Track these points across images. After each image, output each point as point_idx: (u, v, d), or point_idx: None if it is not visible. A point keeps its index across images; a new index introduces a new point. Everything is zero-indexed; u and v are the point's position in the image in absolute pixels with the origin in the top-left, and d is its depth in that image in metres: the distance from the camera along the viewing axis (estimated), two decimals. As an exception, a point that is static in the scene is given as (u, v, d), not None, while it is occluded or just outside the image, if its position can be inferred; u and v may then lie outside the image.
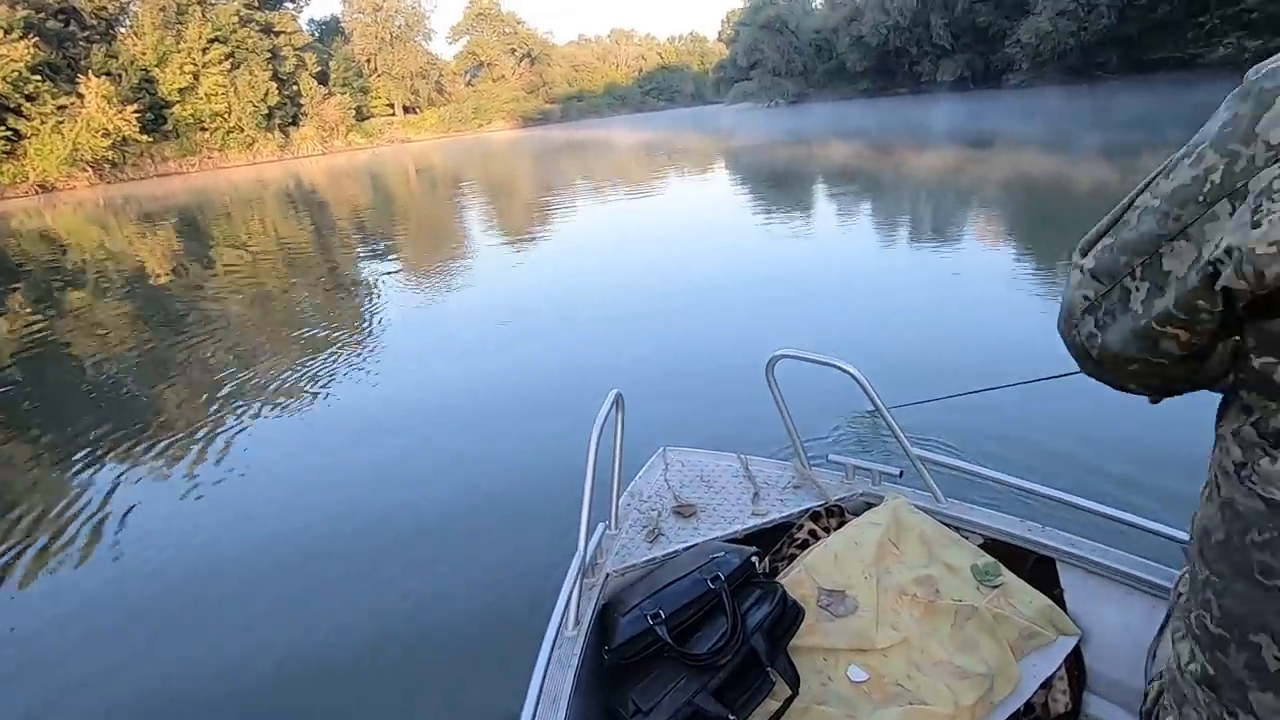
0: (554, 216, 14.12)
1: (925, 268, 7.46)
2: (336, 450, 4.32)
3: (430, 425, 4.52)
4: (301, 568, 3.11)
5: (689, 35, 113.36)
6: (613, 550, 1.83)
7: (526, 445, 4.06)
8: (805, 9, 60.77)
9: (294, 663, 2.53)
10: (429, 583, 2.90)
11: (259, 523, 3.55)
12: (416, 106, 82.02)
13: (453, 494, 3.64)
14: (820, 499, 1.94)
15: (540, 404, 4.65)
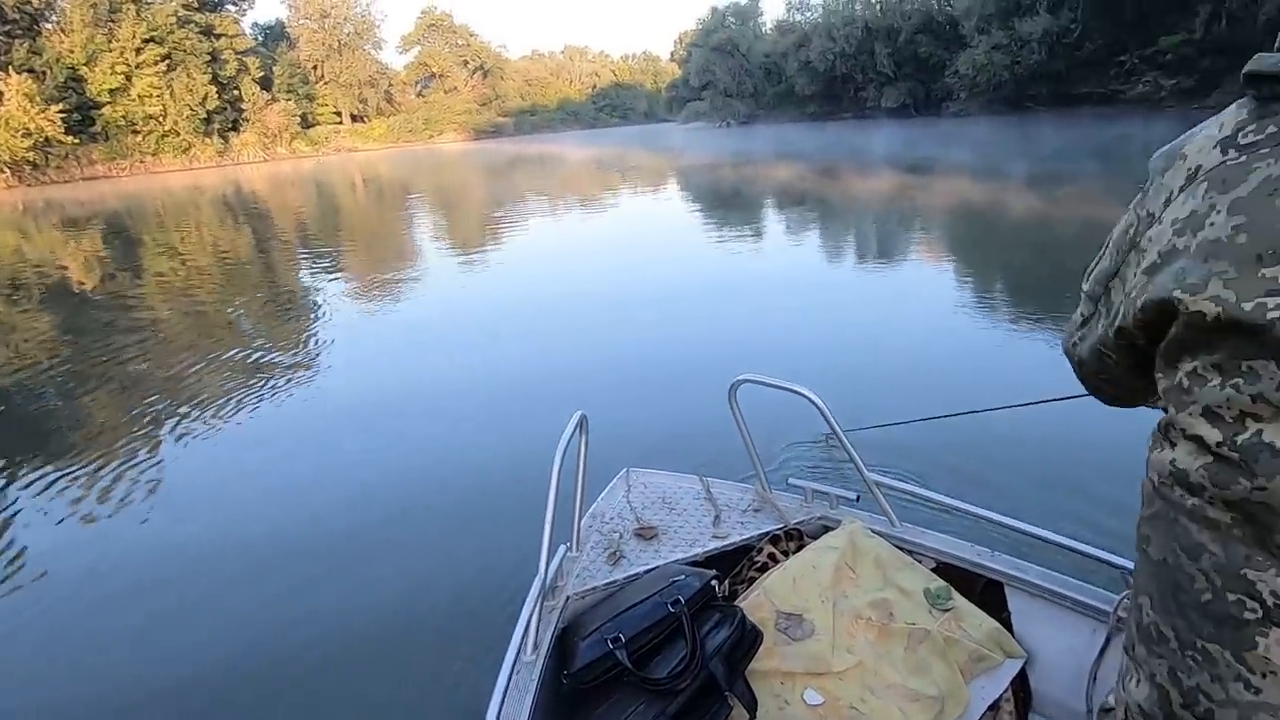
0: (507, 231, 14.02)
1: (872, 287, 7.70)
2: (265, 469, 4.16)
3: (380, 446, 4.40)
4: (249, 586, 2.99)
5: (642, 54, 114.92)
6: (573, 572, 1.82)
7: (487, 465, 3.99)
8: (756, 33, 62.32)
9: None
10: (385, 607, 2.83)
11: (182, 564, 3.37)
12: (365, 115, 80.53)
13: (405, 516, 3.55)
14: (779, 522, 1.97)
15: (499, 421, 4.58)
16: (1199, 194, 0.59)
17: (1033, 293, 7.17)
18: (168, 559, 3.32)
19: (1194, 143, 0.63)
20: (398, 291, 9.20)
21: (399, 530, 3.42)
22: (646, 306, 7.19)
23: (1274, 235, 0.54)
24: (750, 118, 59.77)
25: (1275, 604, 0.58)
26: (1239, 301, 0.55)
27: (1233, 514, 0.60)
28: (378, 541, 3.34)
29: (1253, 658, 0.59)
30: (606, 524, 2.03)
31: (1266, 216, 0.54)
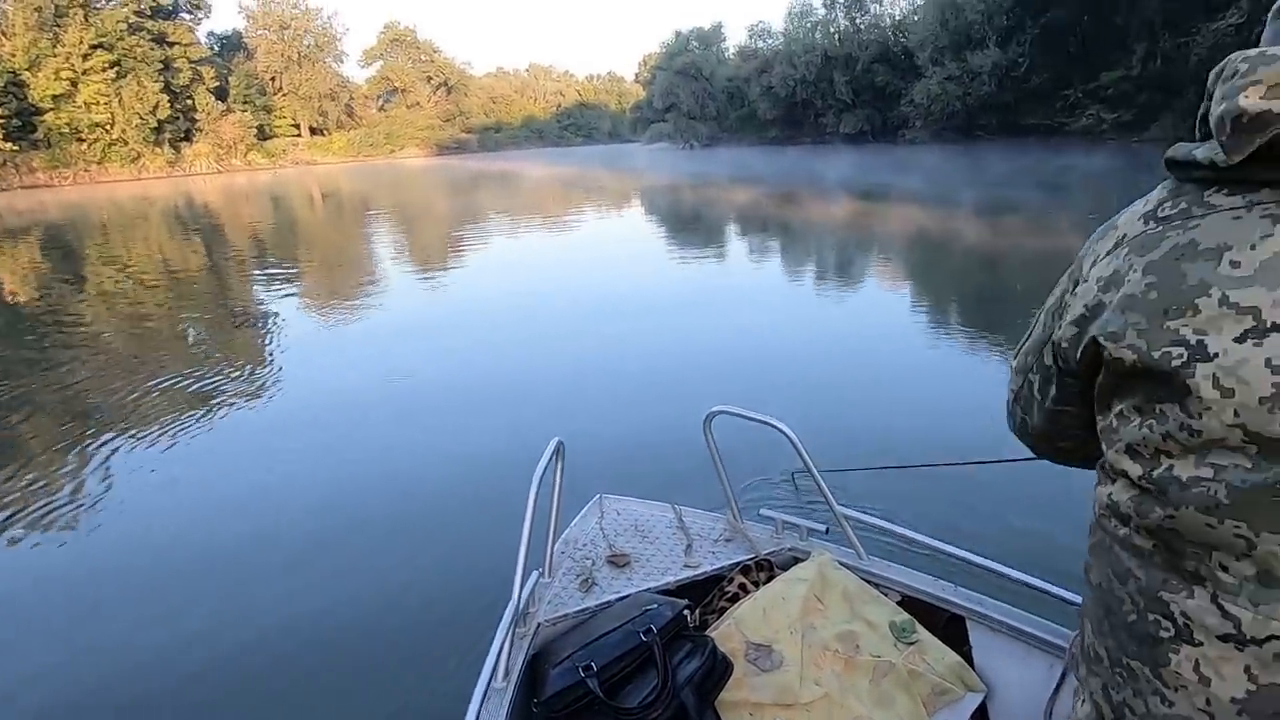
0: (471, 249, 13.93)
1: (834, 309, 7.86)
2: (218, 495, 4.03)
3: (340, 471, 4.29)
4: (198, 609, 2.87)
5: (607, 75, 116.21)
6: (546, 598, 1.82)
7: (456, 488, 3.94)
8: (719, 58, 63.58)
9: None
10: (350, 634, 2.76)
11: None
12: (324, 128, 79.41)
13: (368, 541, 3.46)
14: (750, 552, 1.99)
15: (469, 444, 4.52)
16: (1120, 256, 0.67)
17: (986, 316, 7.41)
18: (107, 579, 3.19)
19: (1124, 216, 0.71)
20: (358, 310, 9.04)
21: (361, 557, 3.33)
22: (615, 327, 7.20)
23: (1177, 293, 0.61)
24: (713, 140, 60.76)
25: (1185, 624, 0.63)
26: (1149, 350, 0.63)
27: (1153, 541, 0.67)
28: (338, 568, 3.25)
29: (1167, 673, 0.65)
30: (579, 550, 2.03)
31: (1172, 278, 0.62)
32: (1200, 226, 0.62)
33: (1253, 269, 0.58)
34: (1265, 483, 0.58)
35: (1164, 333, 0.62)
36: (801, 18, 52.79)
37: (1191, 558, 0.63)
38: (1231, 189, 0.61)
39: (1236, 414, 0.58)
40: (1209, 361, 0.59)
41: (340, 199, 30.56)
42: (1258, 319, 0.57)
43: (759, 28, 58.74)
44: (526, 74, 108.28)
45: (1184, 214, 0.63)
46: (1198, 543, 0.63)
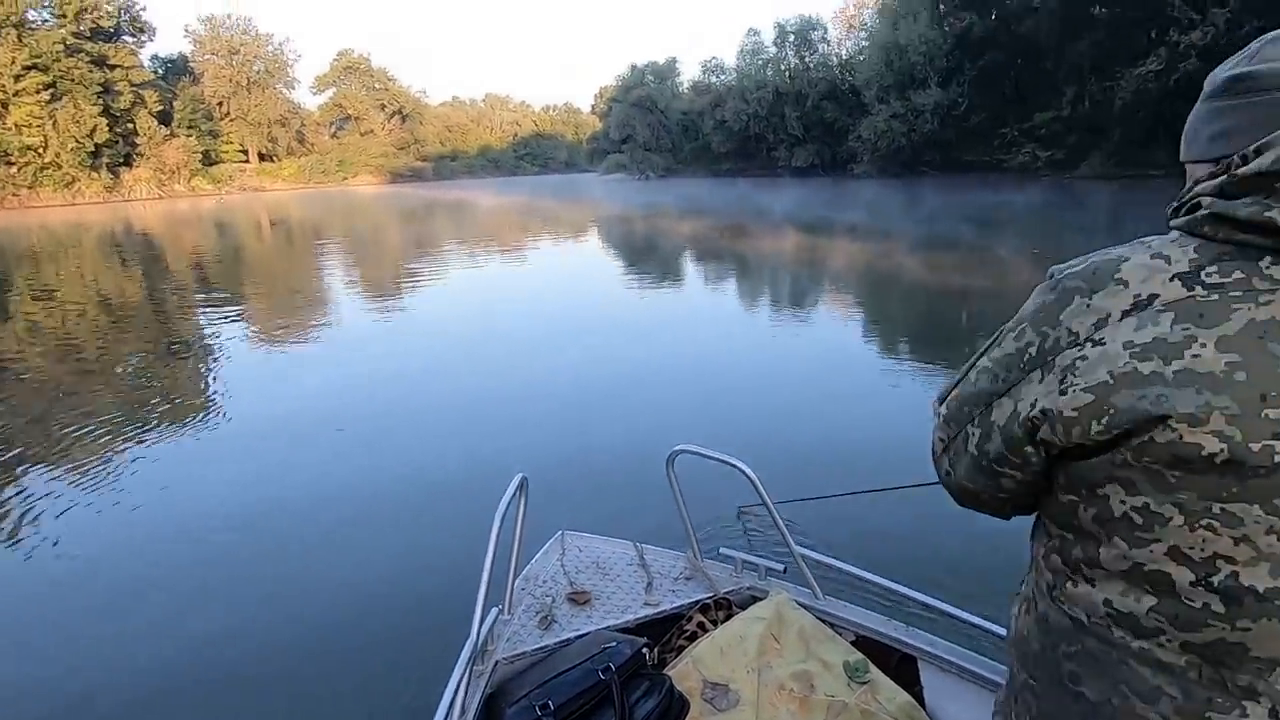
0: (427, 280, 13.78)
1: (789, 345, 8.02)
2: (152, 549, 3.84)
3: (298, 509, 4.15)
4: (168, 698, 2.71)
5: (563, 106, 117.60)
6: (505, 636, 1.83)
7: (413, 521, 3.84)
8: (674, 92, 65.08)
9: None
10: (309, 675, 2.66)
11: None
12: (274, 154, 78.08)
13: (331, 576, 3.34)
14: (710, 591, 2.01)
15: (425, 479, 4.41)
16: (1165, 322, 0.59)
17: (922, 342, 7.67)
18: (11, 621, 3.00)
19: (1131, 270, 0.63)
20: (307, 342, 8.81)
21: (312, 593, 3.22)
22: (572, 358, 7.19)
23: (1275, 378, 0.56)
24: (669, 171, 61.85)
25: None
26: (1245, 441, 0.56)
27: (1188, 656, 0.61)
28: (288, 605, 3.14)
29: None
30: (539, 587, 2.04)
31: (1263, 360, 0.56)
32: (1275, 302, 0.56)
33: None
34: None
35: (1263, 423, 0.55)
36: (753, 55, 54.60)
37: (1249, 673, 0.59)
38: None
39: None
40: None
41: (290, 226, 29.94)
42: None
43: (712, 63, 60.55)
44: (483, 104, 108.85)
45: (1245, 285, 0.57)
46: (1267, 658, 0.58)
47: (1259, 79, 0.62)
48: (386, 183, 79.47)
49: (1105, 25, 32.13)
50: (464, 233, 23.55)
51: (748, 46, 54.95)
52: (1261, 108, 0.62)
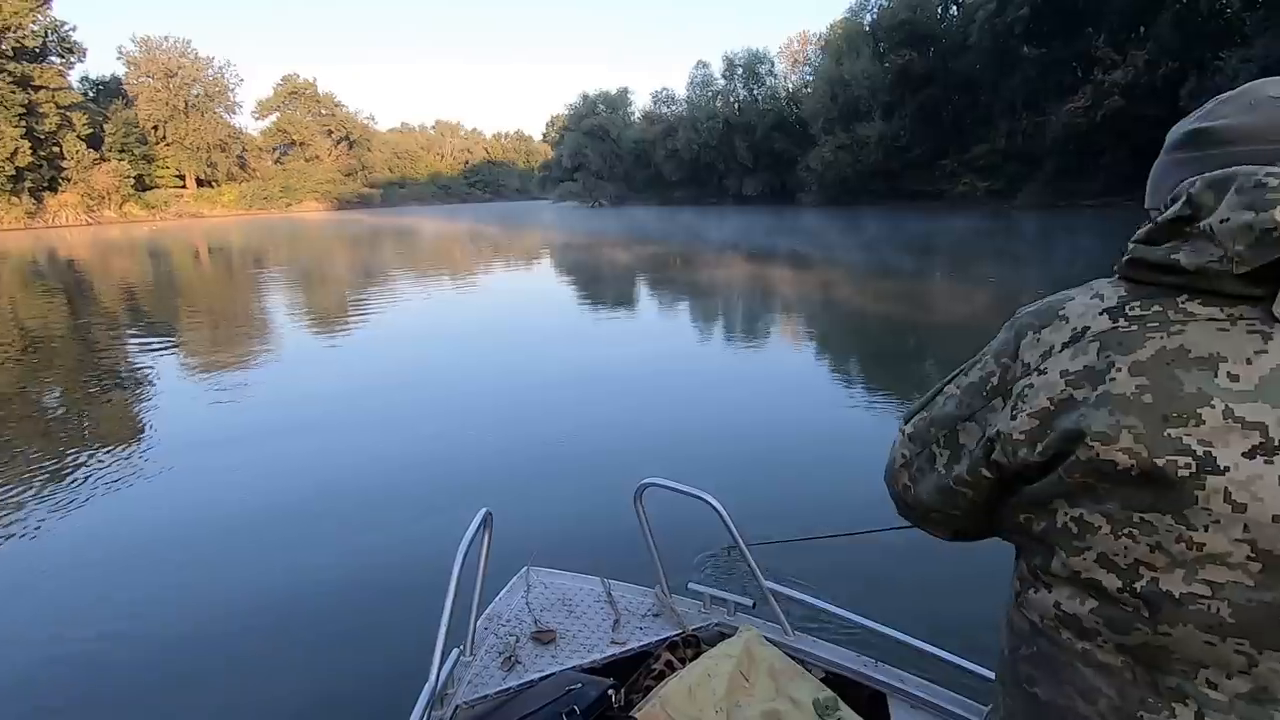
0: (375, 309, 13.50)
1: (744, 370, 8.11)
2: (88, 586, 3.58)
3: (240, 548, 3.93)
4: None
5: (515, 133, 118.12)
6: (466, 678, 1.78)
7: (370, 561, 3.69)
8: (625, 121, 66.18)
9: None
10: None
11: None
12: (214, 180, 76.02)
13: (287, 619, 3.18)
14: (678, 628, 1.97)
15: (383, 513, 4.25)
16: (1092, 351, 0.65)
17: (869, 362, 7.86)
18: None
19: (1073, 307, 0.69)
20: (250, 376, 8.49)
21: (267, 636, 3.06)
22: (531, 389, 7.10)
23: (1176, 399, 0.61)
24: (621, 199, 62.56)
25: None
26: (1151, 456, 0.61)
27: (1124, 657, 0.65)
28: (239, 645, 2.99)
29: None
30: (503, 626, 1.99)
31: (1167, 383, 0.61)
32: (1185, 333, 0.62)
33: (1253, 384, 0.59)
34: (1272, 602, 0.58)
35: (1166, 440, 0.60)
36: (703, 86, 56.09)
37: (1176, 675, 0.63)
38: (1206, 299, 0.62)
39: (1246, 529, 0.59)
40: (1220, 475, 0.59)
41: (230, 254, 29.07)
42: (1265, 436, 0.58)
43: (663, 94, 61.97)
44: (433, 130, 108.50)
45: (1161, 317, 0.63)
46: (1188, 660, 0.62)
47: (1211, 134, 0.68)
48: (333, 209, 78.16)
49: (1035, 63, 34.10)
50: (408, 261, 23.28)
51: (697, 78, 56.50)
52: (1211, 161, 0.67)
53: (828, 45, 47.17)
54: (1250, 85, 0.69)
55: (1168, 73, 26.56)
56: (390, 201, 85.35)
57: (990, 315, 9.01)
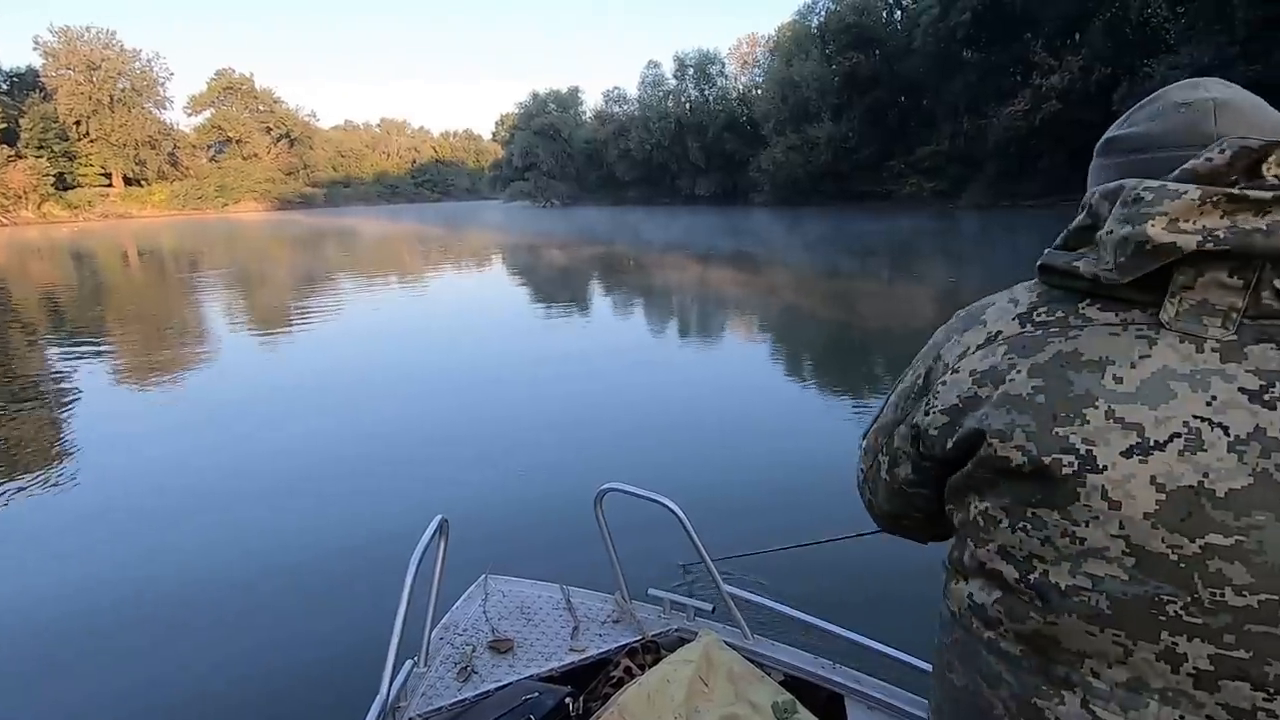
0: (319, 313, 13.13)
1: (709, 370, 8.16)
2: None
3: (173, 557, 3.76)
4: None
5: (464, 132, 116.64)
6: (419, 690, 1.75)
7: (304, 565, 3.60)
8: (577, 120, 66.00)
9: None
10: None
11: None
12: (143, 179, 72.87)
13: (230, 631, 3.06)
14: (638, 634, 1.96)
15: (335, 520, 4.15)
16: (998, 354, 0.69)
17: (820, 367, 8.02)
18: None
19: (991, 312, 0.73)
20: (185, 383, 8.15)
21: (207, 648, 2.95)
22: (480, 392, 7.01)
23: (1065, 400, 0.65)
24: (574, 199, 62.35)
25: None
26: (1039, 454, 0.64)
27: (1023, 646, 0.68)
28: (176, 660, 2.87)
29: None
30: (459, 635, 1.97)
31: (1059, 384, 0.65)
32: (1081, 337, 0.65)
33: (1134, 386, 0.62)
34: (1144, 594, 0.62)
35: (1054, 438, 0.64)
36: (654, 86, 56.35)
37: (1064, 664, 0.66)
38: (1104, 305, 0.66)
39: (1122, 526, 0.62)
40: (1099, 473, 0.62)
41: (162, 257, 27.89)
42: (1142, 435, 0.61)
43: (614, 93, 61.98)
44: (378, 128, 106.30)
45: (1062, 323, 0.67)
46: (1073, 650, 0.65)
47: (1122, 142, 0.72)
48: (274, 210, 75.80)
49: (976, 68, 35.33)
50: (348, 264, 22.76)
51: (649, 78, 56.73)
52: (1122, 168, 0.70)
53: (776, 47, 47.97)
54: (1161, 91, 0.71)
55: (1101, 78, 27.82)
56: (334, 202, 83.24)
57: (937, 313, 9.31)
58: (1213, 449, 0.60)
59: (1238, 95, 0.68)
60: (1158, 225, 0.60)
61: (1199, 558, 0.60)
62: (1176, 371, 0.62)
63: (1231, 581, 0.59)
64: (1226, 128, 0.65)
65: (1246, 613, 0.59)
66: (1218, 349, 0.61)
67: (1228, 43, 21.45)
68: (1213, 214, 0.59)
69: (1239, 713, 0.60)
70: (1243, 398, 0.60)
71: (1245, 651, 0.59)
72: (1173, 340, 0.63)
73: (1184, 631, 0.61)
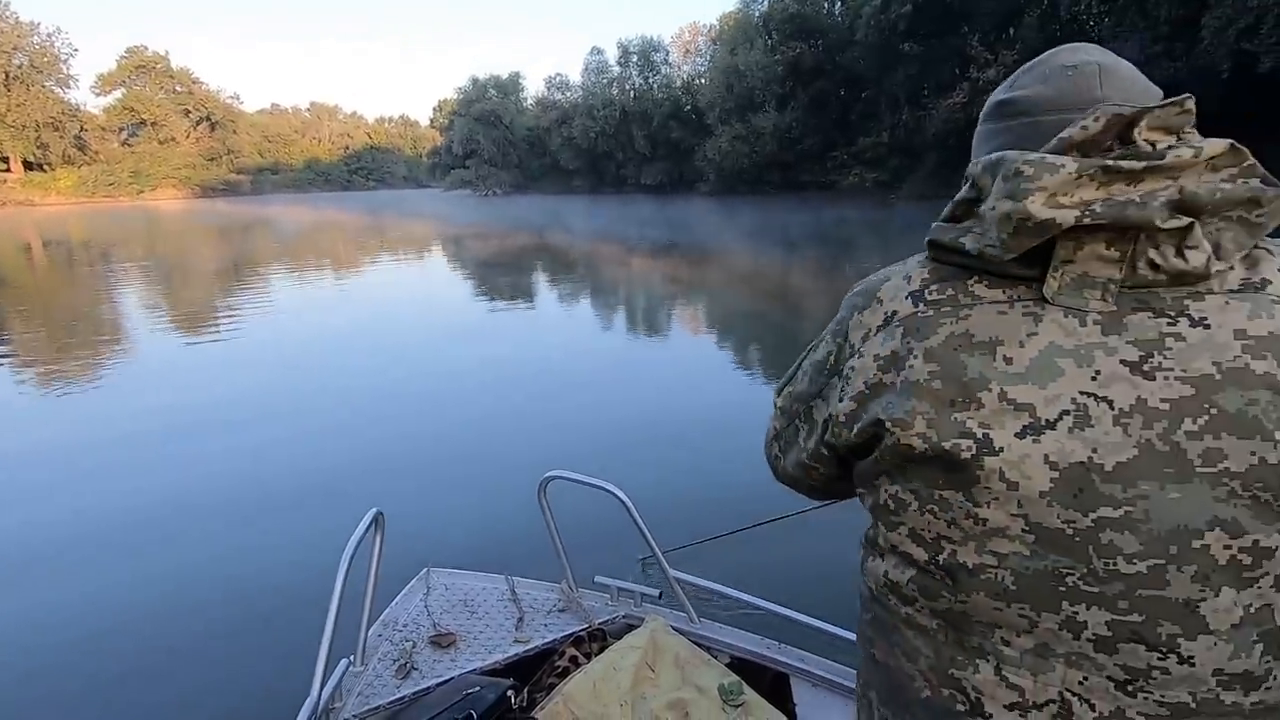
0: (244, 306, 12.62)
1: (644, 356, 8.20)
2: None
3: (94, 558, 3.56)
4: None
5: (399, 118, 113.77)
6: (356, 690, 1.71)
7: (232, 566, 3.48)
8: (519, 107, 65.03)
9: None
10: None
11: None
12: (46, 163, 68.50)
13: (145, 635, 2.95)
14: (584, 622, 1.96)
15: (269, 523, 3.99)
16: (896, 336, 0.70)
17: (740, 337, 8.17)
18: None
19: (887, 289, 0.74)
20: (99, 379, 7.74)
21: (126, 651, 2.85)
22: (427, 389, 6.87)
23: (960, 385, 0.66)
24: (517, 188, 61.52)
25: (977, 697, 0.70)
26: (940, 440, 0.66)
27: (938, 621, 0.71)
28: (100, 665, 2.76)
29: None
30: (399, 632, 1.93)
31: (953, 368, 0.66)
32: (971, 317, 0.67)
33: (1024, 366, 0.64)
34: (1045, 569, 0.65)
35: (952, 424, 0.66)
36: (598, 73, 55.99)
37: (977, 635, 0.69)
38: (992, 281, 0.67)
39: (1020, 505, 0.64)
40: (995, 455, 0.64)
41: (70, 248, 26.30)
42: (1033, 415, 0.63)
43: (557, 80, 61.30)
44: (308, 113, 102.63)
45: (953, 301, 0.68)
46: (985, 623, 0.69)
47: (1013, 105, 0.72)
48: (195, 197, 72.41)
49: (916, 60, 36.29)
50: (290, 253, 21.91)
51: (592, 64, 56.34)
52: (1014, 132, 0.70)
53: (720, 36, 48.27)
54: (1046, 55, 0.72)
55: (1034, 73, 29.01)
56: (261, 189, 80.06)
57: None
58: (1099, 424, 0.62)
59: (1117, 61, 0.69)
60: (1037, 201, 0.60)
61: (1092, 531, 0.63)
62: (1062, 347, 0.64)
63: (1123, 551, 0.62)
64: (1111, 91, 0.66)
65: (1137, 579, 0.63)
66: (1099, 321, 0.63)
67: (1152, 40, 22.61)
68: (1089, 186, 0.60)
69: (1136, 672, 0.64)
70: (1124, 370, 0.62)
71: (1138, 615, 0.63)
72: (1057, 315, 0.64)
73: (1083, 600, 0.64)
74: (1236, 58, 19.58)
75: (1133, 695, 0.65)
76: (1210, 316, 0.62)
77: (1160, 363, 0.62)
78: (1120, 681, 0.65)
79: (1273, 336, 0.61)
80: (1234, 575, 0.62)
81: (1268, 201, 0.61)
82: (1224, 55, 19.71)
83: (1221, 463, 0.61)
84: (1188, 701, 0.64)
